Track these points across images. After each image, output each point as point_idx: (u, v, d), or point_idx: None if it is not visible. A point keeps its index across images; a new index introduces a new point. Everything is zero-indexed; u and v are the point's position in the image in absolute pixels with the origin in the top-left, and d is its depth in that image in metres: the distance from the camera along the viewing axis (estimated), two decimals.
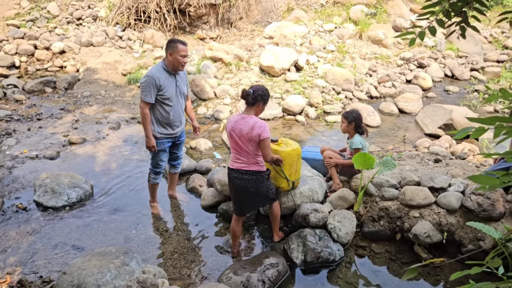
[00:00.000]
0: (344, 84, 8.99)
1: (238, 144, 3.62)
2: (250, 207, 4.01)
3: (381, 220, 4.33)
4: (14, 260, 4.00)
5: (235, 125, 3.61)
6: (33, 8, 11.78)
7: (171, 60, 4.12)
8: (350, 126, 4.54)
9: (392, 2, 13.17)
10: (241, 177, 3.70)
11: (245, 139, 3.57)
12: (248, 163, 3.68)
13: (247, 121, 3.57)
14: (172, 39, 4.20)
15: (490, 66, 11.33)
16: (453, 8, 1.81)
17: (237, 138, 3.61)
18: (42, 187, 4.97)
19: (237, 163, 3.71)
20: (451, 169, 4.86)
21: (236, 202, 3.94)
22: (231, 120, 3.71)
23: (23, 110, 7.76)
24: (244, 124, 3.57)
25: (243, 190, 3.76)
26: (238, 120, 3.61)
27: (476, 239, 3.89)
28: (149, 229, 4.57)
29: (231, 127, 3.63)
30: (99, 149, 6.41)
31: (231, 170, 3.77)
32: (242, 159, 3.68)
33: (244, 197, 3.83)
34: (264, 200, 3.93)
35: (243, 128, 3.56)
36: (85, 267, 3.12)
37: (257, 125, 3.53)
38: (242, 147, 3.62)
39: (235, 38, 11.73)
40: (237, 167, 3.70)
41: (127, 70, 9.61)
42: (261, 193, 3.81)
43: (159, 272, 3.47)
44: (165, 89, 4.14)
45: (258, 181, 3.74)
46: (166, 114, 4.26)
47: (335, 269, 3.98)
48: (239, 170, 3.70)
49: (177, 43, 4.10)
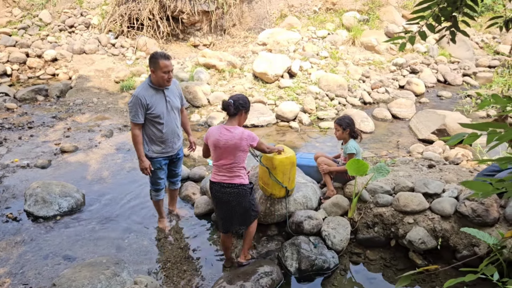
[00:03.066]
0: (337, 90, 9.00)
1: (223, 155, 3.52)
2: (234, 223, 3.82)
3: (376, 226, 4.31)
4: (4, 271, 3.93)
5: (220, 137, 3.49)
6: (25, 16, 11.72)
7: (155, 77, 3.92)
8: (345, 132, 4.53)
9: (384, 9, 13.25)
10: (223, 190, 3.60)
11: (231, 149, 3.48)
12: (230, 176, 3.57)
13: (233, 132, 3.48)
14: (153, 55, 3.92)
15: (482, 71, 11.40)
16: (443, 12, 1.80)
17: (222, 150, 3.51)
18: (33, 196, 4.90)
19: (218, 176, 3.61)
20: (445, 174, 4.85)
21: (220, 217, 3.82)
22: (212, 132, 3.58)
23: (14, 119, 7.68)
24: (230, 135, 3.47)
25: (225, 204, 3.66)
26: (223, 132, 3.51)
27: (470, 244, 3.87)
28: (141, 238, 4.51)
29: (216, 139, 3.51)
30: (91, 157, 6.35)
31: (213, 184, 3.66)
32: (224, 172, 3.58)
33: (227, 212, 3.71)
34: (246, 216, 3.76)
35: (229, 139, 3.47)
36: (75, 279, 3.07)
37: (244, 135, 3.47)
38: (227, 158, 3.52)
39: (228, 45, 11.73)
40: (219, 180, 3.60)
41: (120, 77, 9.56)
42: (243, 207, 3.69)
43: (151, 282, 3.42)
44: (153, 107, 3.95)
45: (241, 194, 3.62)
46: (159, 132, 4.08)
47: (330, 277, 3.94)
48: (221, 183, 3.59)
49: (159, 58, 3.86)
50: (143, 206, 5.10)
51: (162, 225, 4.68)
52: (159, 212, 4.69)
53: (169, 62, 3.91)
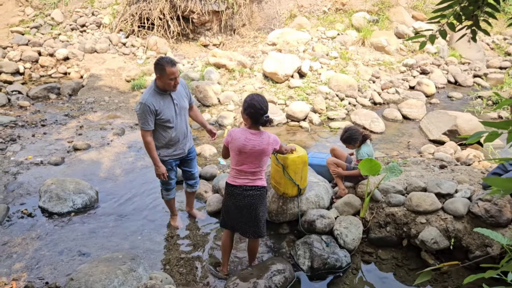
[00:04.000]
0: (347, 91, 9.00)
1: (247, 160, 3.45)
2: (245, 229, 3.70)
3: (388, 226, 4.32)
4: (20, 266, 3.99)
5: (246, 142, 3.39)
6: (37, 15, 11.85)
7: (161, 83, 3.84)
8: (356, 144, 4.57)
9: (394, 9, 13.21)
10: (245, 193, 3.53)
11: (258, 154, 3.42)
12: (252, 179, 3.53)
13: (261, 137, 3.42)
14: (159, 61, 3.80)
15: (493, 72, 11.33)
16: (464, 11, 1.81)
17: (248, 155, 3.43)
18: (47, 193, 4.97)
19: (240, 180, 3.53)
20: (456, 175, 4.85)
21: (234, 219, 3.71)
22: (237, 136, 3.44)
23: (27, 116, 7.77)
24: (258, 141, 3.40)
25: (245, 208, 3.57)
26: (249, 136, 3.41)
27: (483, 245, 3.87)
28: (154, 235, 4.56)
29: (242, 144, 3.40)
30: (104, 155, 6.42)
31: (234, 187, 3.55)
32: (247, 175, 3.52)
33: (246, 215, 3.61)
34: (260, 223, 3.67)
35: (256, 144, 3.39)
36: (92, 273, 3.11)
37: (271, 140, 3.45)
38: (251, 163, 3.47)
39: (238, 45, 11.77)
40: (241, 183, 3.53)
41: (131, 76, 9.64)
42: (261, 211, 3.63)
43: (165, 279, 3.46)
44: (162, 112, 3.89)
45: (262, 196, 3.61)
46: (169, 135, 4.04)
47: (342, 276, 3.96)
48: (243, 186, 3.52)
49: (165, 65, 3.75)
50: (155, 203, 5.14)
51: (174, 223, 4.72)
52: (171, 210, 4.73)
53: (176, 68, 3.82)
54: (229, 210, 3.70)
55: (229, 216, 3.73)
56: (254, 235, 3.71)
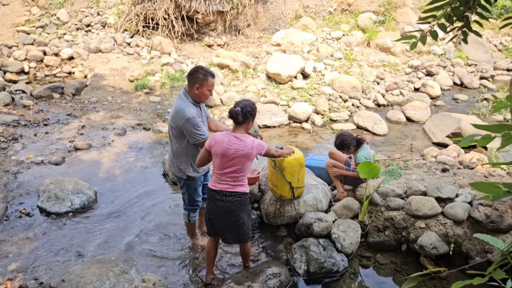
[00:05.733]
0: (351, 92, 8.93)
1: (229, 164, 3.32)
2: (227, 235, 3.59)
3: (386, 230, 4.26)
4: (16, 266, 3.99)
5: (229, 145, 3.27)
6: (43, 14, 11.91)
7: (197, 93, 3.63)
8: (351, 149, 4.50)
9: (400, 10, 13.11)
10: (224, 199, 3.39)
11: (241, 159, 3.30)
12: (233, 185, 3.39)
13: (244, 141, 3.29)
14: (201, 71, 3.63)
15: (500, 74, 11.19)
16: (455, 12, 1.77)
17: (230, 159, 3.30)
18: (46, 192, 4.97)
19: (220, 184, 3.39)
20: (458, 179, 4.77)
21: (214, 224, 3.59)
22: (219, 139, 3.31)
23: (30, 116, 7.80)
24: (241, 144, 3.27)
25: (225, 213, 3.45)
26: (232, 140, 3.29)
27: (483, 251, 3.80)
28: (151, 237, 4.54)
29: (225, 148, 3.27)
30: (104, 155, 6.41)
31: (214, 192, 3.42)
32: (227, 181, 3.38)
33: (225, 221, 3.49)
34: (242, 230, 3.54)
35: (240, 148, 3.27)
36: (84, 275, 3.09)
37: (255, 145, 3.32)
38: (234, 167, 3.33)
39: (243, 45, 11.74)
40: (221, 188, 3.39)
41: (135, 76, 9.64)
42: (242, 218, 3.50)
43: (159, 281, 3.44)
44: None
45: (243, 203, 3.46)
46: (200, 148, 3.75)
47: (339, 280, 3.91)
48: (223, 192, 3.39)
49: (207, 75, 3.61)
50: (154, 205, 5.12)
51: (203, 242, 4.39)
52: (193, 233, 4.42)
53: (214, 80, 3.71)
54: (210, 216, 3.57)
55: (211, 222, 3.60)
56: (235, 240, 3.60)
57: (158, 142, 6.96)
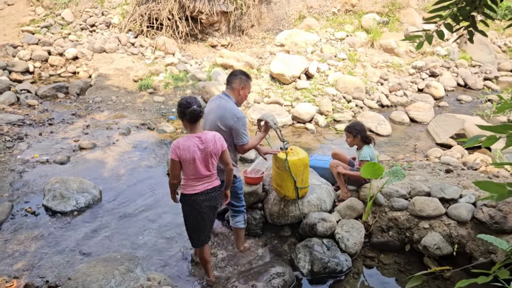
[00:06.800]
0: (354, 92, 8.93)
1: (202, 166, 3.30)
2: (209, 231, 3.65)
3: (390, 230, 4.27)
4: (22, 264, 4.02)
5: (196, 148, 3.23)
6: (48, 14, 11.96)
7: (241, 95, 3.72)
8: (356, 139, 4.52)
9: (404, 11, 13.10)
10: (208, 197, 3.41)
11: (209, 157, 3.30)
12: (210, 181, 3.42)
13: (207, 138, 3.27)
14: (242, 72, 3.76)
15: (504, 75, 11.18)
16: (461, 12, 1.78)
17: (201, 160, 3.27)
18: (51, 191, 5.00)
19: (200, 186, 3.37)
20: (462, 180, 4.77)
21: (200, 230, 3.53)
22: (185, 146, 3.22)
23: (35, 115, 7.84)
24: (206, 142, 3.26)
25: (211, 210, 3.50)
26: (196, 142, 3.24)
27: (487, 252, 3.80)
28: (156, 236, 4.56)
29: (193, 151, 3.22)
30: (109, 154, 6.45)
31: (197, 195, 3.37)
32: (205, 180, 3.38)
33: (211, 220, 3.58)
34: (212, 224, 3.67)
35: (206, 146, 3.26)
36: (90, 273, 3.12)
37: (217, 138, 3.32)
38: (206, 167, 3.33)
39: (246, 46, 11.76)
40: (202, 189, 3.37)
41: (139, 76, 9.68)
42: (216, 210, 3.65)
43: (164, 280, 3.46)
44: None
45: (221, 195, 3.59)
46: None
47: (343, 280, 3.92)
48: (204, 192, 3.38)
49: (249, 79, 3.78)
50: (158, 204, 5.15)
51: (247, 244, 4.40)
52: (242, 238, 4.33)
53: None
54: (195, 224, 3.50)
55: (198, 231, 3.54)
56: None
57: (162, 142, 6.99)
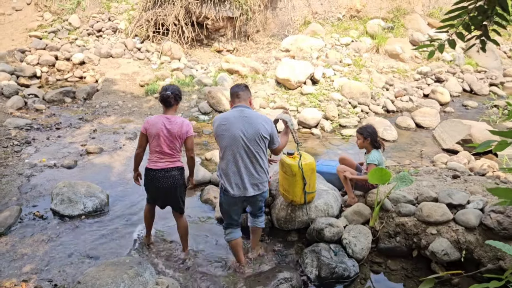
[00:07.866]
0: (360, 98, 8.95)
1: (165, 143, 3.79)
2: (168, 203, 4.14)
3: (398, 236, 4.26)
4: (30, 268, 4.04)
5: (162, 126, 3.76)
6: (55, 20, 12.06)
7: (252, 105, 3.93)
8: (366, 141, 4.52)
9: (409, 17, 13.12)
10: (167, 175, 3.85)
11: (173, 137, 3.78)
12: (172, 161, 3.86)
13: (176, 121, 3.80)
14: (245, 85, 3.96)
15: (509, 81, 11.14)
16: (473, 21, 1.79)
17: (165, 138, 3.77)
18: (59, 195, 5.03)
19: (161, 163, 3.85)
20: (469, 185, 4.76)
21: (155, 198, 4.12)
22: (153, 122, 3.82)
23: (42, 119, 7.90)
24: (173, 124, 3.78)
25: (168, 188, 3.91)
26: (165, 121, 3.78)
27: (495, 258, 3.79)
28: (163, 240, 4.57)
29: (159, 128, 3.76)
30: (116, 159, 6.48)
31: (156, 171, 3.87)
32: (167, 158, 3.85)
33: (168, 195, 3.99)
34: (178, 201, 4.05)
35: (172, 127, 3.77)
36: (99, 277, 3.13)
37: (185, 123, 3.82)
38: (170, 145, 3.80)
39: (252, 51, 11.81)
40: (162, 166, 3.85)
41: (145, 81, 9.73)
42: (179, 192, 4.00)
43: (172, 284, 3.46)
44: None
45: (182, 176, 3.97)
46: None
47: (350, 285, 3.92)
48: (165, 169, 3.85)
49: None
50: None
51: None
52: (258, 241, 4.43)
53: None
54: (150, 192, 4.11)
55: (151, 196, 4.15)
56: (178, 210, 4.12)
57: None
